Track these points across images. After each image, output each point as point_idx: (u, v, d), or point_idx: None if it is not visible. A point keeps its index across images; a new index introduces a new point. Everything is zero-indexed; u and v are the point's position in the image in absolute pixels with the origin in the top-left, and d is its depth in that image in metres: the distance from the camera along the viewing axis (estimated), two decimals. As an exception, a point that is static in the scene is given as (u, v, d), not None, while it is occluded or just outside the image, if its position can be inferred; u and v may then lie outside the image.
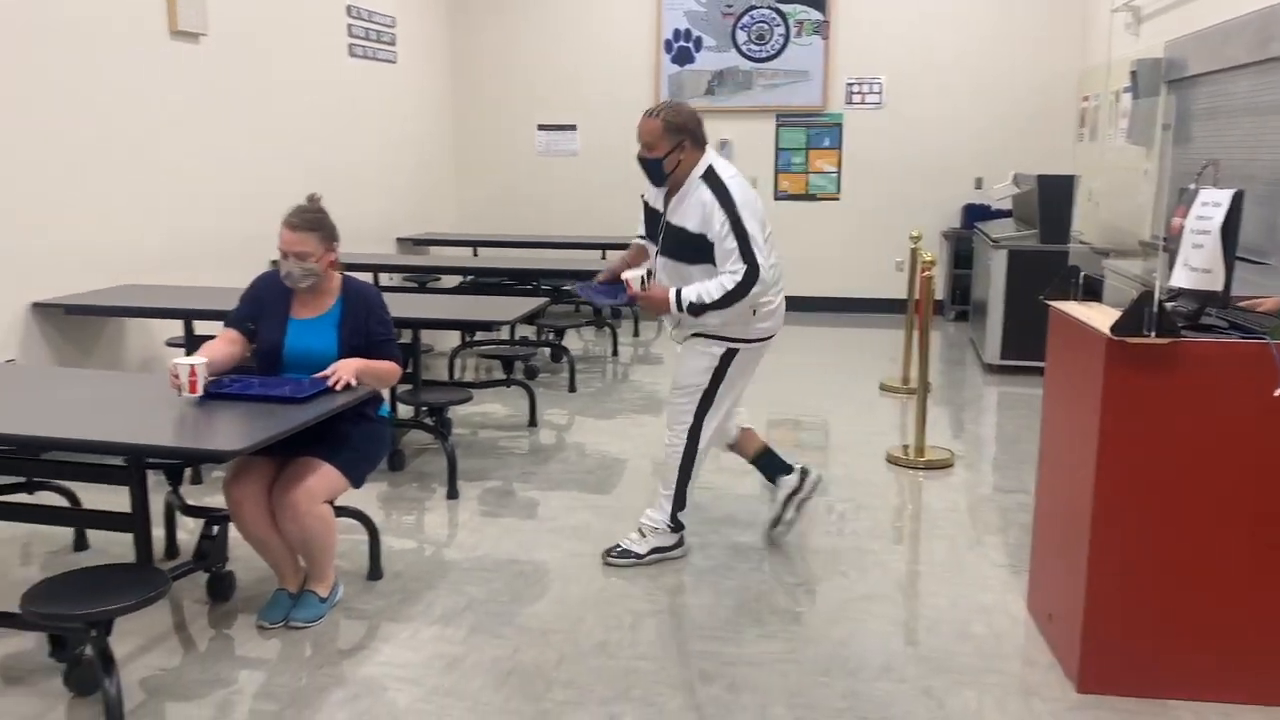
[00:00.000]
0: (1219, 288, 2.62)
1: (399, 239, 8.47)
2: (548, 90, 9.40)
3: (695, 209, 3.40)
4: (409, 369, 4.68)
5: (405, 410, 5.04)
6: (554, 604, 3.38)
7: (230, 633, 3.18)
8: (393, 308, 3.46)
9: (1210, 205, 2.62)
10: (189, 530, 3.85)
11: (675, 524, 3.65)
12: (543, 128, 9.47)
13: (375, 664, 2.98)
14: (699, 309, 3.39)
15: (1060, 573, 2.99)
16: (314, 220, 3.24)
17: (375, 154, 8.11)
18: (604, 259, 7.93)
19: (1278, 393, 2.53)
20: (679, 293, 3.42)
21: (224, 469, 4.61)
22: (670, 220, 3.48)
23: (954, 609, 3.36)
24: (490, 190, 9.61)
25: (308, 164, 7.06)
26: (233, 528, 3.31)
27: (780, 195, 9.16)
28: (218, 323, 4.83)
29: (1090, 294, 3.14)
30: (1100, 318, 2.81)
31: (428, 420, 4.74)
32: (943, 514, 4.26)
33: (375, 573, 3.56)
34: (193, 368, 2.80)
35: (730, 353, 3.55)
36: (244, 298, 3.39)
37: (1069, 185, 6.84)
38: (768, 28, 8.89)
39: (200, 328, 5.14)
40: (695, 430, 3.57)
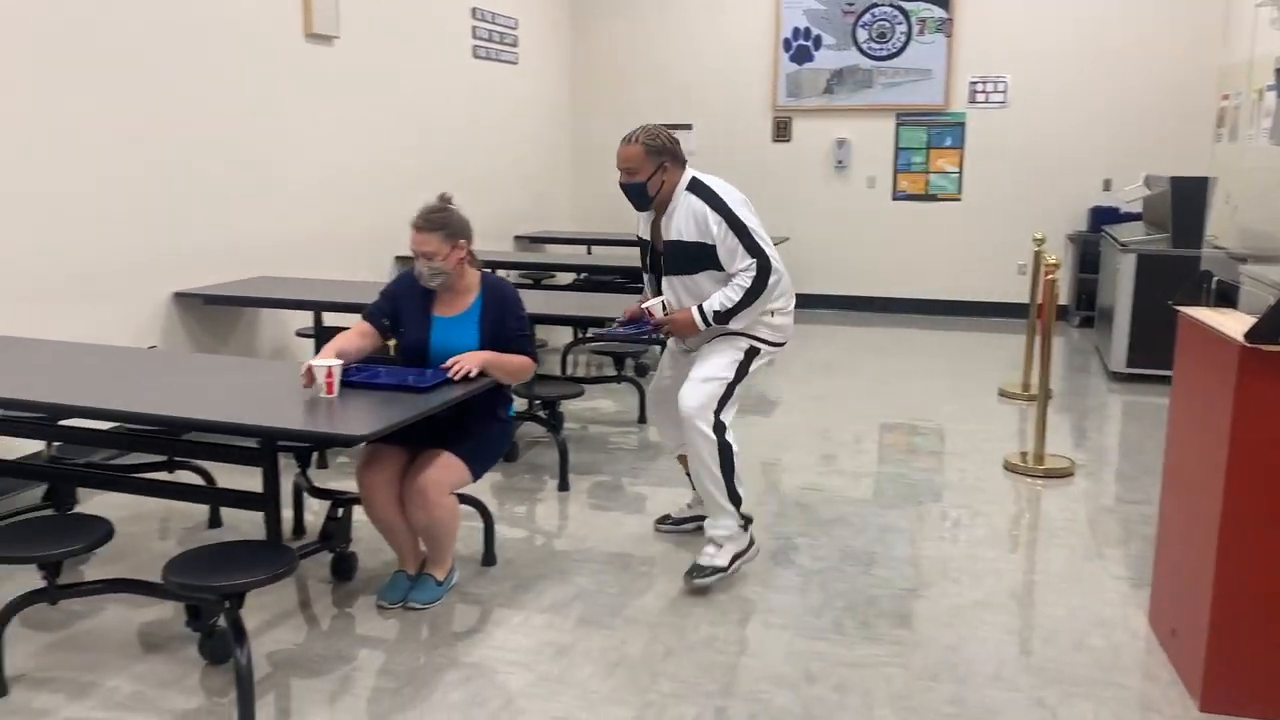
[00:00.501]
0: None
1: (516, 236, 8.63)
2: (664, 89, 9.46)
3: (687, 218, 3.40)
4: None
5: (519, 403, 5.14)
6: (661, 598, 3.42)
7: (351, 611, 3.32)
8: (507, 303, 3.55)
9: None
10: (314, 511, 4.02)
11: (744, 521, 3.55)
12: (659, 127, 9.51)
13: (488, 647, 3.07)
14: (725, 315, 3.39)
15: (1184, 587, 2.88)
16: (438, 220, 3.29)
17: (495, 153, 8.29)
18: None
19: None
20: (701, 308, 3.41)
21: (348, 454, 4.80)
22: (667, 237, 3.47)
23: (1071, 620, 3.28)
24: (605, 189, 9.69)
25: (432, 162, 7.27)
26: (357, 510, 3.45)
27: (899, 195, 9.02)
28: (345, 315, 5.05)
29: (1224, 300, 3.04)
30: (1234, 324, 2.70)
31: (541, 413, 4.83)
32: (1061, 523, 4.15)
33: (489, 559, 3.66)
34: (330, 369, 2.93)
35: (753, 350, 3.50)
36: (384, 293, 3.49)
37: (1204, 187, 6.56)
38: (889, 26, 8.76)
39: (329, 319, 5.35)
40: (720, 426, 3.43)
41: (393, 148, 6.83)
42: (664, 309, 3.51)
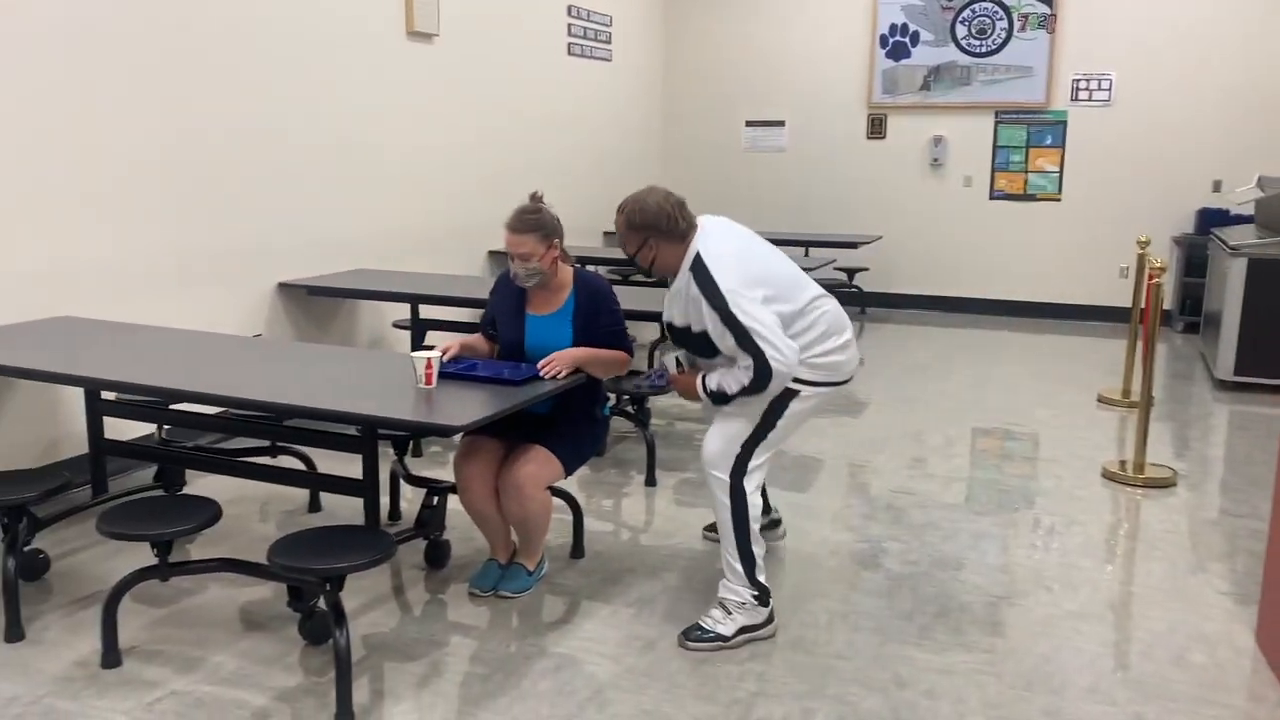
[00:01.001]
0: None
1: (605, 232, 8.69)
2: (757, 86, 9.42)
3: (685, 304, 3.03)
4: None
5: (609, 399, 5.19)
6: (749, 596, 3.41)
7: (444, 598, 3.39)
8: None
9: None
10: (407, 499, 4.11)
11: (760, 591, 3.10)
12: (750, 124, 9.49)
13: (576, 638, 3.10)
14: (720, 399, 3.03)
15: (1296, 605, 2.78)
16: (532, 221, 3.29)
17: (588, 149, 8.36)
18: (806, 255, 7.90)
19: None
20: (704, 379, 3.08)
21: (441, 444, 4.89)
22: (666, 317, 3.15)
23: (1171, 635, 3.18)
24: (695, 185, 9.70)
25: (527, 158, 7.36)
26: (451, 498, 3.52)
27: (996, 195, 8.83)
28: (441, 308, 5.16)
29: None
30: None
31: (629, 409, 4.86)
32: (1162, 535, 4.03)
33: (578, 552, 3.71)
34: (429, 360, 2.99)
35: (788, 393, 3.04)
36: (488, 302, 3.56)
37: (1323, 190, 6.29)
38: (989, 21, 8.59)
39: (425, 312, 5.46)
40: (737, 480, 3.06)
41: (488, 144, 6.93)
42: (678, 364, 3.25)
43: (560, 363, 3.20)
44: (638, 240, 3.07)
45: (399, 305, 5.86)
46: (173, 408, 3.81)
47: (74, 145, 4.15)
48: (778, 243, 3.34)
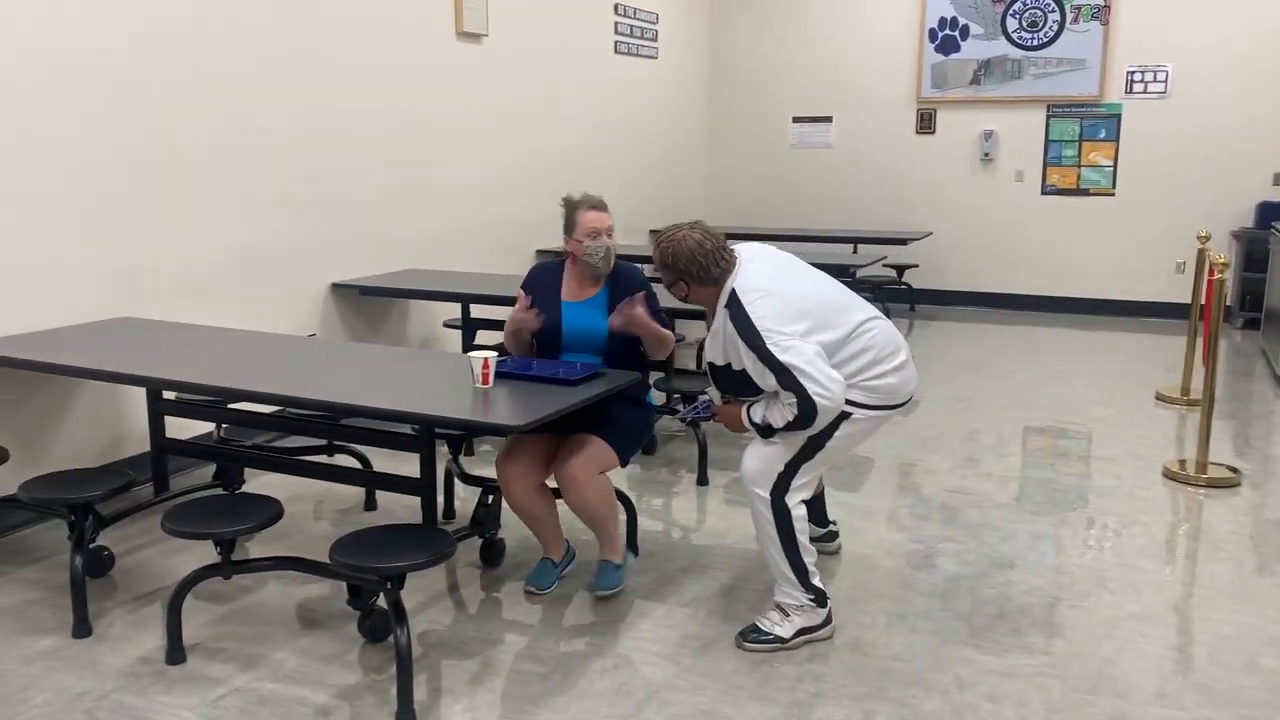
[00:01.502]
0: None
1: (651, 230, 8.67)
2: (803, 83, 9.36)
3: (722, 343, 2.95)
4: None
5: (657, 396, 5.17)
6: (804, 596, 3.39)
7: (499, 596, 3.40)
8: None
9: None
10: (460, 498, 4.13)
11: (817, 594, 3.06)
12: (797, 120, 9.43)
13: (632, 638, 3.10)
14: (766, 432, 2.96)
15: (1372, 610, 2.71)
16: (604, 202, 3.47)
17: (634, 147, 8.35)
18: (855, 252, 7.84)
19: None
20: (749, 409, 3.01)
21: (494, 443, 4.92)
22: (706, 357, 3.06)
23: (1240, 638, 3.11)
24: (741, 182, 9.68)
25: (574, 157, 7.37)
26: (504, 498, 3.54)
27: (1048, 189, 8.70)
28: (491, 307, 5.18)
29: None
30: None
31: (680, 407, 4.84)
32: (1227, 536, 3.94)
33: (632, 550, 3.70)
34: (485, 360, 3.00)
35: (839, 416, 2.93)
36: (523, 290, 3.55)
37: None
38: (1041, 14, 8.46)
39: (475, 311, 5.49)
40: (779, 498, 2.97)
41: (536, 143, 6.95)
42: (723, 395, 3.15)
43: (639, 303, 3.27)
44: (671, 277, 3.04)
45: (449, 305, 5.90)
46: (230, 407, 3.87)
47: (133, 148, 4.22)
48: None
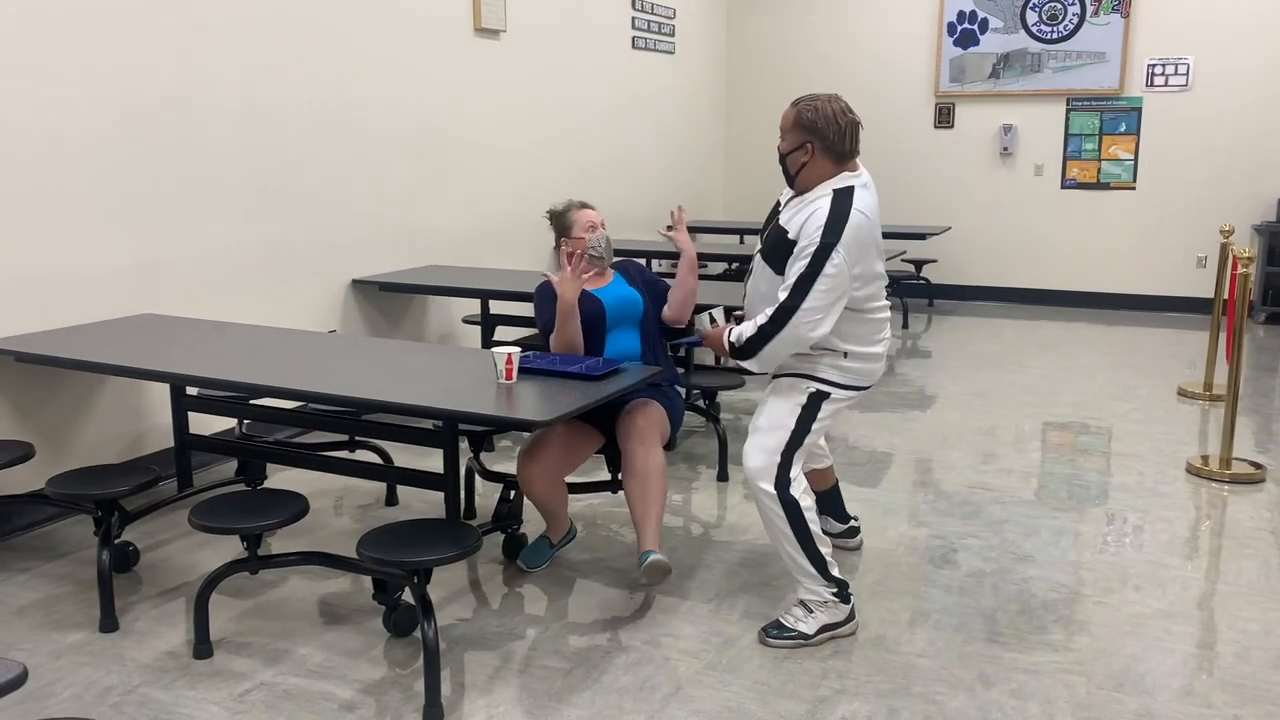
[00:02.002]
0: None
1: (668, 227, 8.66)
2: (821, 76, 9.31)
3: (805, 215, 2.90)
4: (681, 353, 4.82)
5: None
6: (827, 592, 3.38)
7: (522, 591, 3.41)
8: (664, 292, 3.74)
9: None
10: (480, 493, 4.14)
11: (839, 588, 3.05)
12: (815, 115, 9.38)
13: (655, 634, 3.10)
14: (741, 351, 2.97)
15: (1403, 607, 2.68)
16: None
17: (651, 143, 8.34)
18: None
19: None
20: (730, 331, 3.05)
21: (513, 439, 4.92)
22: (779, 220, 3.01)
23: (1267, 636, 3.09)
24: (759, 177, 9.64)
25: (590, 152, 7.37)
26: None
27: (1068, 183, 8.65)
28: (510, 303, 5.18)
29: None
30: None
31: (700, 403, 4.84)
32: (1252, 532, 3.92)
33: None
34: (509, 355, 3.01)
35: (819, 394, 3.00)
36: (540, 311, 3.58)
37: None
38: (1061, 7, 8.41)
39: (494, 307, 5.50)
40: (784, 490, 2.97)
41: (552, 139, 6.95)
42: (711, 320, 3.18)
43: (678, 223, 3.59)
44: (798, 139, 2.94)
45: (468, 301, 5.91)
46: (252, 403, 3.89)
47: (154, 146, 4.23)
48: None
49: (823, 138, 2.90)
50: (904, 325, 8.04)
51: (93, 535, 3.32)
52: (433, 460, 3.34)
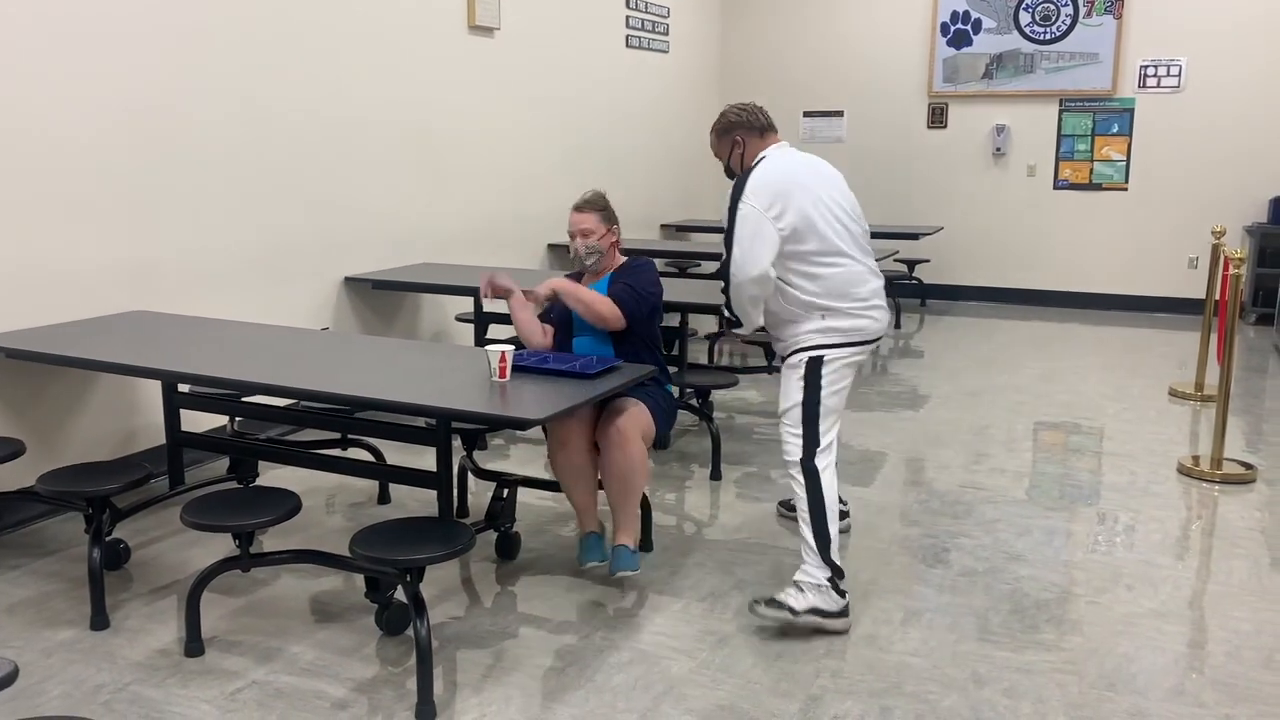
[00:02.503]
0: None
1: (663, 225, 8.67)
2: (815, 77, 9.33)
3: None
4: (675, 351, 4.82)
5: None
6: (820, 591, 3.38)
7: (514, 590, 3.40)
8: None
9: None
10: (473, 492, 4.13)
11: (834, 573, 3.08)
12: (808, 114, 9.41)
13: (649, 633, 3.10)
14: (729, 320, 3.29)
15: (1393, 607, 2.69)
16: (597, 202, 3.61)
17: (645, 141, 8.34)
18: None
19: None
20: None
21: (505, 437, 4.92)
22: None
23: (1258, 635, 3.10)
24: (753, 177, 9.64)
25: (583, 151, 7.36)
26: (521, 491, 3.55)
27: (1061, 184, 8.68)
28: (503, 301, 5.16)
29: None
30: None
31: (693, 402, 4.84)
32: (1243, 532, 3.93)
33: (646, 545, 3.70)
34: (503, 354, 3.01)
35: (815, 361, 3.13)
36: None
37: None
38: (1054, 8, 8.43)
39: (488, 305, 5.48)
40: (809, 460, 3.11)
41: (547, 137, 6.94)
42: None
43: (540, 288, 3.47)
44: (728, 145, 3.34)
45: (461, 299, 5.90)
46: (244, 400, 3.87)
47: (146, 143, 4.22)
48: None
49: (744, 125, 3.31)
50: (896, 325, 8.06)
51: (84, 533, 3.31)
52: (425, 458, 3.34)
